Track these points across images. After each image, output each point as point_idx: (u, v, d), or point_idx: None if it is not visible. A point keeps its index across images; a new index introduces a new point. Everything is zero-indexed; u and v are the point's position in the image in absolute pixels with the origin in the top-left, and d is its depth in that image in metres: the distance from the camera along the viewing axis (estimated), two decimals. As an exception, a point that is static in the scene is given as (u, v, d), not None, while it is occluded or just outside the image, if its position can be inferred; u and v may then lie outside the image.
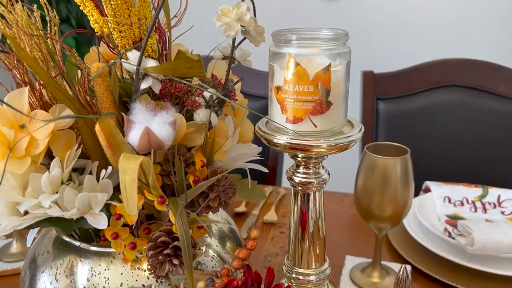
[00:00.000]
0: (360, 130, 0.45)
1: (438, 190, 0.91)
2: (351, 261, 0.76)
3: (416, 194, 0.93)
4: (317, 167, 0.47)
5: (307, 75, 0.41)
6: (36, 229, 0.51)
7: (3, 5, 0.41)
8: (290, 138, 0.43)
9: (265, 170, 0.53)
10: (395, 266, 0.74)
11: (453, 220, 0.83)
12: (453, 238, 0.76)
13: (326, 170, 0.48)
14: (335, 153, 0.44)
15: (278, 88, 0.43)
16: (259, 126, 0.47)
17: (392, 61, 1.94)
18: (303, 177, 0.47)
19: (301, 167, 0.47)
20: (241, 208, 0.95)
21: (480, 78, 1.13)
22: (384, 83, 1.13)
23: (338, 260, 0.77)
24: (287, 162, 1.27)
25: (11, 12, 0.41)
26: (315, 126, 0.42)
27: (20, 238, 0.79)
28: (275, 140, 0.44)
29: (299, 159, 0.47)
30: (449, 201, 0.89)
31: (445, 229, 0.80)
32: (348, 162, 1.36)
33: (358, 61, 2.02)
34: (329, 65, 0.41)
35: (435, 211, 0.87)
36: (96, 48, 0.52)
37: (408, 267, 0.74)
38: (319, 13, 2.01)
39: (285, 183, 1.28)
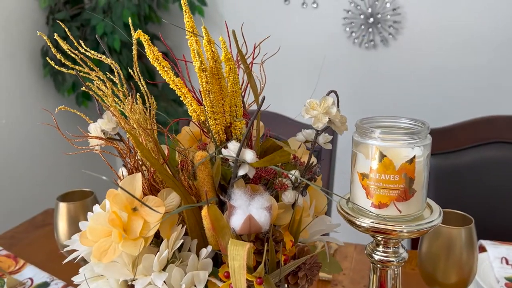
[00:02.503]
0: (440, 214, 0.48)
1: (494, 250, 0.92)
2: (412, 325, 0.77)
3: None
4: (396, 246, 0.50)
5: (393, 166, 0.44)
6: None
7: (122, 102, 0.47)
8: (374, 222, 0.46)
9: (341, 243, 0.57)
10: (458, 331, 0.75)
11: (513, 283, 0.83)
12: (516, 304, 0.76)
13: (405, 249, 0.51)
14: (416, 237, 0.47)
15: (364, 175, 0.47)
16: (341, 206, 0.51)
17: (432, 110, 1.97)
18: (382, 256, 0.50)
19: (380, 246, 0.50)
20: (296, 264, 0.97)
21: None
22: (433, 139, 1.15)
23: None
24: (335, 216, 1.29)
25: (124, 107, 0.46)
26: (400, 211, 0.46)
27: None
28: (358, 222, 0.48)
29: (379, 238, 0.50)
30: (507, 262, 0.89)
31: (506, 293, 0.81)
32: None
33: (397, 110, 2.04)
34: (414, 156, 0.44)
35: (492, 272, 0.87)
36: (188, 127, 0.58)
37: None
38: (357, 61, 2.07)
39: (333, 235, 1.30)
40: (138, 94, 0.54)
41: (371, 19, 2.00)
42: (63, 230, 0.78)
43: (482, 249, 0.96)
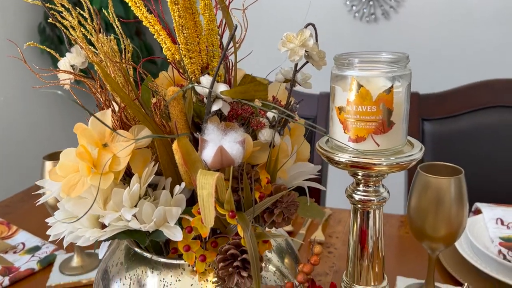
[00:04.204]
0: (421, 149, 0.46)
1: (489, 212, 0.90)
2: (402, 282, 0.76)
3: (466, 216, 0.92)
4: (377, 185, 0.48)
5: (370, 96, 0.43)
6: (108, 243, 0.54)
7: (91, 35, 0.45)
8: (352, 156, 0.45)
9: (323, 188, 0.55)
10: (449, 288, 0.74)
11: (508, 242, 0.81)
12: (509, 261, 0.75)
13: (386, 189, 0.49)
14: (396, 172, 0.46)
15: (341, 109, 0.45)
16: (320, 145, 0.49)
17: (433, 82, 1.93)
18: (363, 195, 0.49)
19: (361, 185, 0.49)
20: (288, 228, 0.96)
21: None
22: (430, 104, 1.13)
23: (388, 281, 0.77)
24: (330, 183, 1.28)
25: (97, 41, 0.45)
26: (378, 145, 0.44)
27: (80, 253, 0.84)
28: (337, 158, 0.46)
29: (359, 177, 0.48)
30: (502, 223, 0.87)
31: (500, 252, 0.79)
32: (393, 183, 1.35)
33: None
34: (392, 86, 0.43)
35: (487, 233, 0.86)
36: (166, 72, 0.56)
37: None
38: (358, 35, 2.04)
39: (329, 203, 1.29)
40: (112, 35, 0.52)
41: (372, -8, 1.96)
42: (49, 188, 0.77)
43: (478, 211, 0.94)
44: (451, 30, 1.91)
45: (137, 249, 0.50)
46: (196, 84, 0.44)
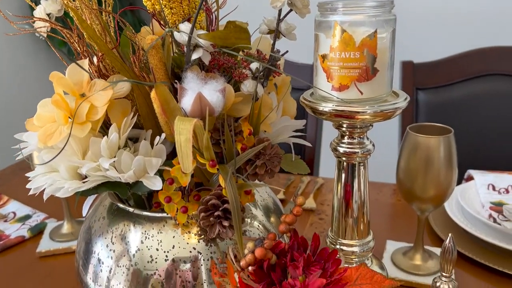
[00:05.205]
0: (406, 99, 0.45)
1: (481, 178, 0.89)
2: (392, 246, 0.76)
3: (459, 182, 0.91)
4: (361, 137, 0.48)
5: (354, 42, 0.42)
6: (91, 201, 0.54)
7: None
8: (335, 105, 0.44)
9: (308, 144, 0.54)
10: (438, 251, 0.73)
11: (498, 206, 0.81)
12: (499, 224, 0.74)
13: (370, 141, 0.48)
14: (380, 121, 0.45)
15: (324, 57, 0.44)
16: (304, 97, 0.48)
17: (429, 52, 1.91)
18: (347, 147, 0.48)
19: (345, 137, 0.48)
20: (280, 196, 0.96)
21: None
22: (424, 73, 1.12)
23: (379, 245, 0.76)
24: (324, 154, 1.27)
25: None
26: (361, 93, 0.43)
27: (70, 220, 0.83)
28: (321, 108, 0.45)
29: (343, 129, 0.47)
30: (493, 188, 0.87)
31: (490, 215, 0.79)
32: (387, 151, 1.35)
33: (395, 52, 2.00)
34: (375, 31, 0.41)
35: (478, 198, 0.85)
36: (148, 27, 0.55)
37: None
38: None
39: (322, 174, 1.28)
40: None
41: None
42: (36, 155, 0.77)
43: (470, 178, 0.94)
44: (446, 1, 1.88)
45: (120, 204, 0.49)
46: (174, 29, 0.43)
